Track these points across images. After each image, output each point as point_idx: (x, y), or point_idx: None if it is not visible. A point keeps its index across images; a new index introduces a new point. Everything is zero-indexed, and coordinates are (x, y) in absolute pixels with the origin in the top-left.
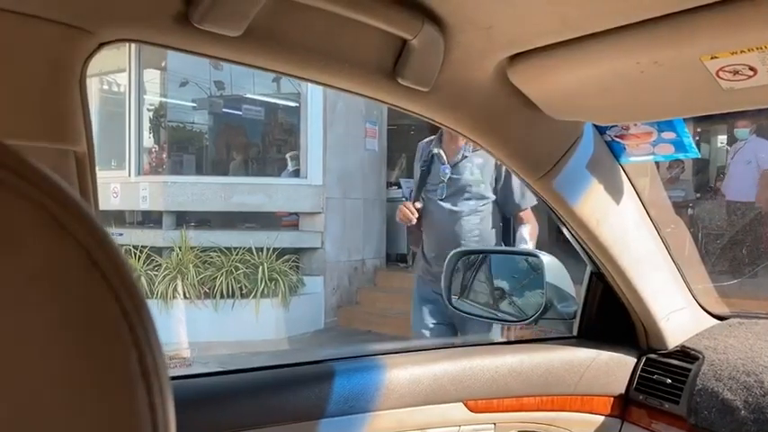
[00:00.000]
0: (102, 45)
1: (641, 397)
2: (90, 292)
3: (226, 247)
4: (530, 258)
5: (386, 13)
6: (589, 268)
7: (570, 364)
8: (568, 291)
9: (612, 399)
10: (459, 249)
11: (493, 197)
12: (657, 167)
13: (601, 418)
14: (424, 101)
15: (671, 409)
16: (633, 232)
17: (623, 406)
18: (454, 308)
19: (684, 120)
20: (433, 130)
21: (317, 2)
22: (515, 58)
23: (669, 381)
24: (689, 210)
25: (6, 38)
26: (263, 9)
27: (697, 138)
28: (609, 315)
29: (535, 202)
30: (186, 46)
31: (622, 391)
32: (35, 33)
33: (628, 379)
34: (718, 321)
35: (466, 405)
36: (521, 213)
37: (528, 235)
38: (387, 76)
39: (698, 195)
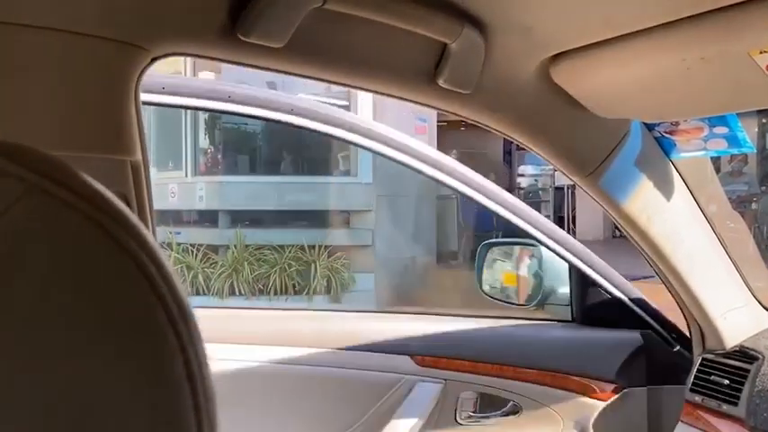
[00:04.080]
0: (154, 60)
1: (698, 398)
2: (139, 300)
3: (279, 245)
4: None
5: (425, 18)
6: None
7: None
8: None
9: None
10: (488, 241)
11: None
12: (719, 160)
13: None
14: (466, 103)
15: (729, 411)
16: (685, 229)
17: None
18: (486, 294)
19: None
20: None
21: (357, 11)
22: (558, 57)
23: (727, 381)
24: (752, 204)
25: (65, 56)
26: (304, 21)
27: (759, 129)
28: None
29: None
30: (233, 57)
31: None
32: (92, 51)
33: None
34: None
35: (413, 359)
36: None
37: None
38: (428, 79)
39: (763, 188)
